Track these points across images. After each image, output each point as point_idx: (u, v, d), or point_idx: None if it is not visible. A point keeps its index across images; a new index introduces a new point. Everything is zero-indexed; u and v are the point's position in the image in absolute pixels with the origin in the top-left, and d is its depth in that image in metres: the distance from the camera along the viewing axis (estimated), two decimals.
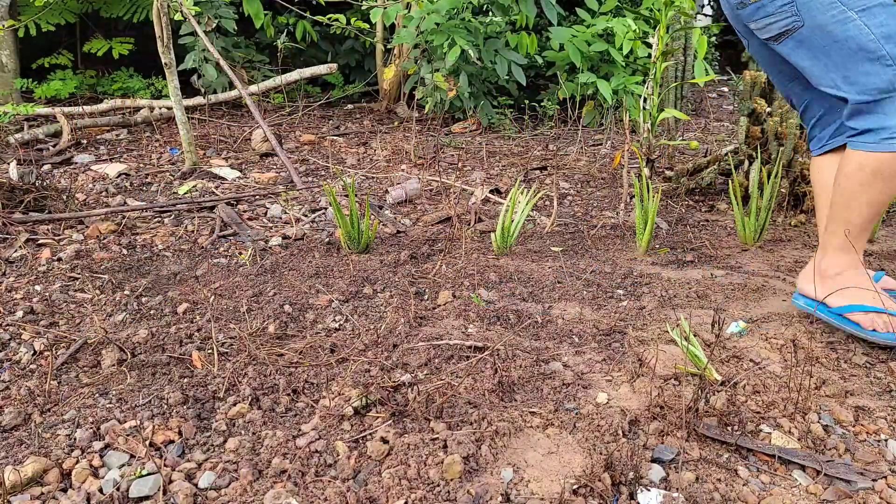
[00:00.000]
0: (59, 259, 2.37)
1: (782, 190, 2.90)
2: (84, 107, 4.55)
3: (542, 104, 5.16)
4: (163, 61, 3.34)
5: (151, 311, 2.00)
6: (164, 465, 1.30)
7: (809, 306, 1.84)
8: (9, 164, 3.40)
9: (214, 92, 4.93)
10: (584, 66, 4.74)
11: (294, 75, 5.10)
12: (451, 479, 1.23)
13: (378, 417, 1.43)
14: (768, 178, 2.61)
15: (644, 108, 3.06)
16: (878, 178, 1.70)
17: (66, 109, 4.46)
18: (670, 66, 4.83)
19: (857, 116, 1.73)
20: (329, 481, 1.25)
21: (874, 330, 1.71)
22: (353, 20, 4.36)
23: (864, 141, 1.72)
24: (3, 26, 4.19)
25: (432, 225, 2.88)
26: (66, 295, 2.09)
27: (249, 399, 1.51)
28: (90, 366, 1.68)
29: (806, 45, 1.75)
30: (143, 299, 2.08)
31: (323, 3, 5.15)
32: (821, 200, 1.99)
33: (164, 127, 4.57)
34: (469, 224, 2.83)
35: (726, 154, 3.29)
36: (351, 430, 1.40)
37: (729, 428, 1.41)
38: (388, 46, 5.48)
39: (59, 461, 1.32)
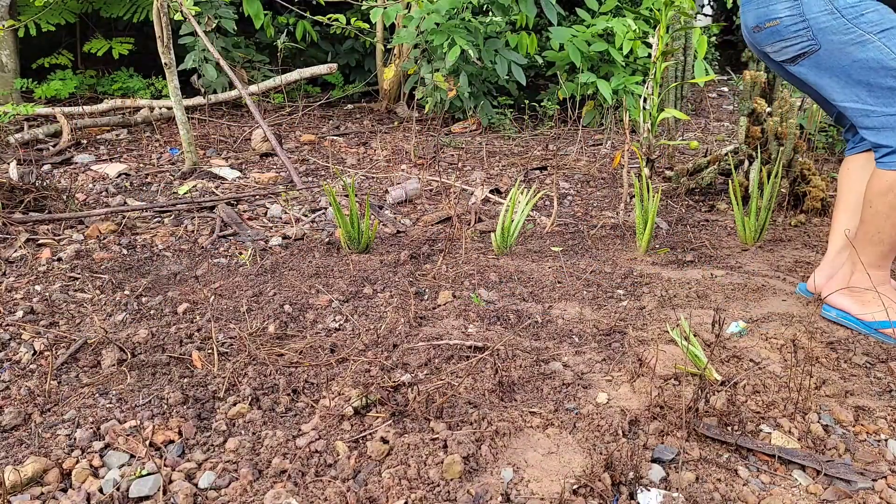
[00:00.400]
0: (59, 259, 2.37)
1: (782, 190, 2.90)
2: (84, 107, 4.55)
3: (542, 104, 5.16)
4: (163, 61, 3.34)
5: (151, 311, 2.00)
6: (164, 465, 1.30)
7: (843, 318, 1.87)
8: (9, 164, 3.40)
9: (214, 92, 4.93)
10: (584, 66, 4.74)
11: (294, 75, 5.10)
12: (451, 479, 1.23)
13: (378, 417, 1.43)
14: (768, 178, 2.61)
15: (644, 108, 3.06)
16: (887, 194, 1.74)
17: (66, 109, 4.46)
18: (670, 66, 4.84)
19: (884, 132, 1.75)
20: (329, 481, 1.25)
21: None
22: (353, 20, 4.36)
23: (893, 161, 1.74)
24: (3, 26, 4.18)
25: (432, 225, 2.88)
26: (66, 295, 2.09)
27: (249, 399, 1.51)
28: (90, 366, 1.68)
29: (824, 66, 1.78)
30: (143, 299, 2.08)
31: (323, 3, 5.15)
32: (842, 201, 2.01)
33: (164, 127, 4.57)
34: (469, 224, 2.83)
35: (726, 154, 3.29)
36: (351, 430, 1.40)
37: (729, 428, 1.41)
38: (388, 46, 5.48)
39: (59, 461, 1.32)
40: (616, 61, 4.73)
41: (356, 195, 3.06)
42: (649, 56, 4.76)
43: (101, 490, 1.25)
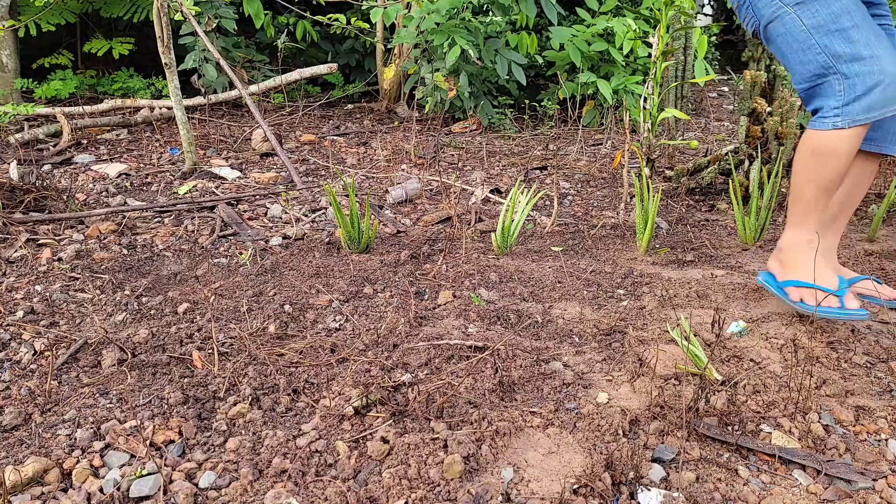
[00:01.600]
0: (60, 259, 2.37)
1: (783, 189, 2.90)
2: (84, 107, 4.55)
3: (542, 104, 5.17)
4: (163, 61, 3.34)
5: (152, 311, 2.00)
6: (165, 465, 1.30)
7: (766, 280, 1.93)
8: (9, 164, 3.40)
9: (214, 92, 4.93)
10: (584, 65, 4.74)
11: (294, 75, 5.10)
12: (452, 479, 1.23)
13: (378, 417, 1.43)
14: (769, 177, 2.61)
15: (644, 108, 3.06)
16: (814, 157, 1.82)
17: (67, 109, 4.46)
18: (670, 66, 4.84)
19: (806, 102, 1.85)
20: (329, 481, 1.25)
21: (801, 301, 1.82)
22: (353, 20, 4.36)
23: (811, 123, 1.84)
24: (4, 26, 4.18)
25: (432, 225, 2.88)
26: (67, 295, 2.09)
27: (250, 399, 1.51)
28: (90, 366, 1.68)
29: (769, 40, 1.87)
30: (144, 299, 2.08)
31: (323, 3, 5.15)
32: None
33: (164, 127, 4.58)
34: (469, 224, 2.83)
35: (726, 154, 3.29)
36: (351, 430, 1.40)
37: (729, 428, 1.41)
38: (389, 46, 5.48)
39: (60, 461, 1.32)
40: (616, 61, 4.73)
41: (356, 195, 3.06)
42: (649, 56, 4.76)
43: (101, 490, 1.25)
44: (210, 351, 1.73)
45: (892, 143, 1.90)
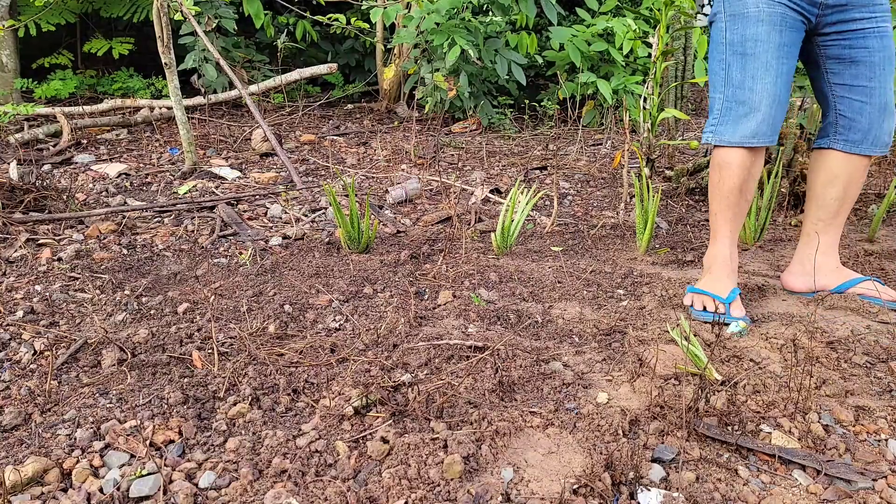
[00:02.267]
0: (60, 259, 2.37)
1: (782, 190, 2.90)
2: (84, 107, 4.55)
3: (542, 104, 5.17)
4: (163, 61, 3.34)
5: (151, 311, 2.00)
6: (165, 465, 1.30)
7: (689, 290, 2.03)
8: (9, 164, 3.40)
9: (214, 92, 4.93)
10: (584, 65, 4.74)
11: (294, 75, 5.10)
12: (452, 479, 1.23)
13: (378, 417, 1.43)
14: (768, 177, 2.61)
15: (644, 108, 3.06)
16: (714, 168, 1.95)
17: (66, 109, 4.45)
18: (670, 66, 4.84)
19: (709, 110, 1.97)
20: (329, 481, 1.25)
21: (692, 306, 1.95)
22: (353, 20, 4.36)
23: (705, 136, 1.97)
24: (4, 26, 4.18)
25: (432, 225, 2.88)
26: (67, 295, 2.09)
27: (249, 399, 1.51)
28: (90, 366, 1.68)
29: (709, 39, 1.97)
30: (143, 299, 2.08)
31: (323, 3, 5.15)
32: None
33: (164, 127, 4.57)
34: (469, 224, 2.83)
35: None
36: (351, 430, 1.40)
37: (729, 428, 1.41)
38: (388, 46, 5.48)
39: (60, 461, 1.32)
40: (616, 61, 4.73)
41: (356, 195, 3.06)
42: (649, 56, 4.76)
43: (101, 490, 1.25)
44: (210, 351, 1.73)
45: (872, 145, 1.94)
